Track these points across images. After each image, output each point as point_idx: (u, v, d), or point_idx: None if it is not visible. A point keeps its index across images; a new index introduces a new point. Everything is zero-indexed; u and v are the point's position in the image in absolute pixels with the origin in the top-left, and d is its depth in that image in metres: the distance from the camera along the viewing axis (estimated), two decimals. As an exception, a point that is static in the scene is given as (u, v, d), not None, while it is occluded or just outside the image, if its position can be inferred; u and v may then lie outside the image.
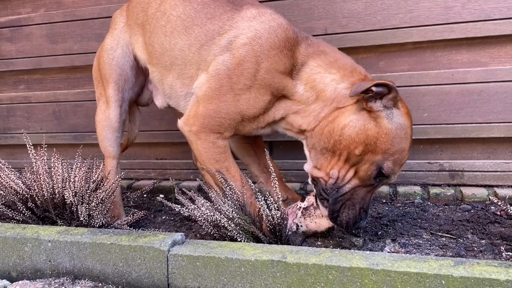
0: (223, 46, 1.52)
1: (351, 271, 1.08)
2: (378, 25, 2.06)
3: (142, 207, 2.09)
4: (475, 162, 2.04)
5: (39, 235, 1.41)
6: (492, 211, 1.77)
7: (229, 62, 1.49)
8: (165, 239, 1.30)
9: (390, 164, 1.37)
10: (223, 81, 1.49)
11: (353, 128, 1.37)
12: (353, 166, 1.40)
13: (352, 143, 1.37)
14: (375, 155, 1.36)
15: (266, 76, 1.47)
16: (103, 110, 1.85)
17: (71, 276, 1.36)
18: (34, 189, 1.62)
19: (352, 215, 1.41)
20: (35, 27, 2.62)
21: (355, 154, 1.37)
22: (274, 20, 1.51)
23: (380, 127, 1.36)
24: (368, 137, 1.36)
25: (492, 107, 1.97)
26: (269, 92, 1.49)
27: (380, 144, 1.35)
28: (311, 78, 1.48)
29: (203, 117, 1.51)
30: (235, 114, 1.50)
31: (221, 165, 1.54)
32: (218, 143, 1.53)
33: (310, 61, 1.49)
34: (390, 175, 1.39)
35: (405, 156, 1.41)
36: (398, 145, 1.36)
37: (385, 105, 1.36)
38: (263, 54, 1.46)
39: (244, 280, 1.18)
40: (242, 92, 1.48)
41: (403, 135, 1.37)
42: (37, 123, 2.72)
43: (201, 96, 1.53)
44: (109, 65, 1.82)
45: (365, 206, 1.43)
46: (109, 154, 1.87)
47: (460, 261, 1.06)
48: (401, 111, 1.39)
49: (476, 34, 1.94)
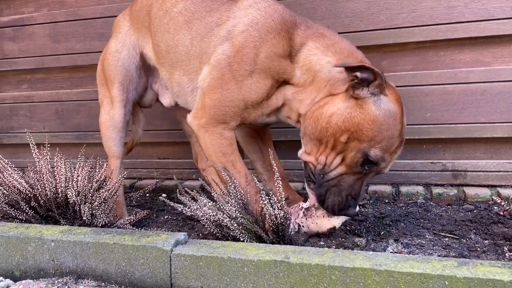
0: (222, 36, 1.54)
1: (354, 271, 1.08)
2: (381, 24, 2.06)
3: (144, 207, 2.10)
4: (478, 162, 2.04)
5: (42, 235, 1.41)
6: (495, 211, 1.77)
7: (229, 51, 1.51)
8: (168, 239, 1.30)
9: (377, 151, 1.36)
10: (224, 69, 1.50)
11: (339, 116, 1.38)
12: (340, 153, 1.41)
13: (338, 130, 1.38)
14: (361, 143, 1.36)
15: (266, 60, 1.48)
16: (107, 110, 1.86)
17: (74, 275, 1.36)
18: (37, 189, 1.62)
19: (337, 201, 1.43)
20: (38, 26, 2.62)
21: (341, 142, 1.38)
22: (270, 6, 1.53)
23: (366, 114, 1.35)
24: (354, 124, 1.36)
25: (495, 107, 1.97)
26: (270, 76, 1.50)
27: (366, 131, 1.35)
28: (308, 59, 1.48)
29: (209, 108, 1.53)
30: (239, 101, 1.51)
31: (228, 158, 1.54)
32: (224, 134, 1.54)
33: (309, 42, 1.50)
34: (379, 162, 1.39)
35: (395, 143, 1.39)
36: (385, 132, 1.35)
37: (372, 92, 1.36)
38: (260, 39, 1.48)
39: (247, 280, 1.18)
40: (243, 78, 1.49)
41: (391, 122, 1.36)
42: (40, 122, 2.72)
43: (205, 88, 1.55)
44: (114, 66, 1.84)
45: (353, 193, 1.43)
46: (113, 154, 1.88)
47: (464, 261, 1.06)
48: (389, 98, 1.38)
49: (479, 34, 1.94)
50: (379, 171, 1.45)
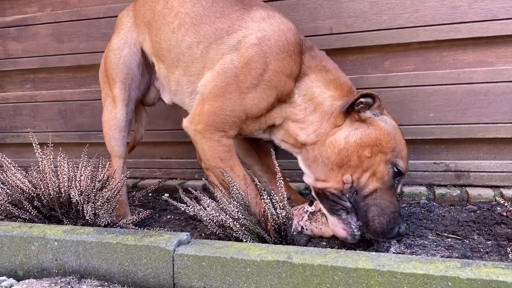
0: (232, 45, 1.53)
1: (357, 272, 1.08)
2: (384, 24, 2.05)
3: (147, 206, 2.10)
4: (481, 162, 2.03)
5: (45, 234, 1.42)
6: (498, 212, 1.77)
7: (237, 61, 1.50)
8: (171, 238, 1.31)
9: (402, 161, 1.42)
10: (229, 79, 1.50)
11: (355, 136, 1.43)
12: (367, 170, 1.41)
13: (360, 148, 1.41)
14: (385, 155, 1.40)
15: (273, 77, 1.49)
16: (109, 110, 1.86)
17: (77, 275, 1.37)
18: (40, 188, 1.63)
19: (385, 221, 1.36)
20: (42, 26, 2.63)
21: (366, 157, 1.40)
22: (284, 24, 1.53)
23: (379, 129, 1.43)
24: (372, 139, 1.41)
25: (499, 107, 1.96)
26: (274, 93, 1.51)
27: (385, 143, 1.41)
28: (311, 90, 1.53)
29: (208, 114, 1.52)
30: (240, 112, 1.51)
31: (226, 163, 1.55)
32: (222, 142, 1.54)
33: (312, 74, 1.54)
34: (405, 172, 1.44)
35: (407, 153, 1.48)
36: (400, 143, 1.44)
37: (374, 113, 1.46)
38: (271, 56, 1.48)
39: (250, 280, 1.18)
40: (248, 90, 1.49)
41: (399, 134, 1.46)
42: (43, 122, 2.73)
43: (206, 94, 1.54)
44: (116, 65, 1.83)
45: (397, 208, 1.40)
46: (115, 154, 1.87)
47: (467, 262, 1.06)
48: (389, 117, 1.49)
49: (482, 34, 1.93)
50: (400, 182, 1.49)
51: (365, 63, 2.11)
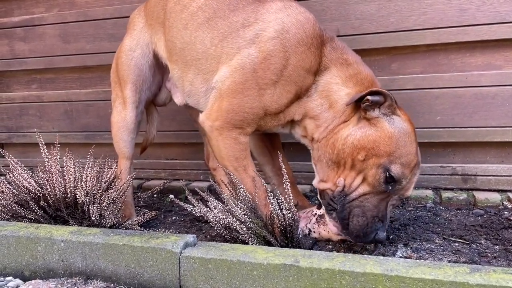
0: (249, 39, 1.49)
1: (365, 276, 1.08)
2: (391, 27, 2.05)
3: (152, 207, 2.10)
4: (489, 166, 2.02)
5: (52, 235, 1.42)
6: (506, 216, 1.75)
7: (255, 56, 1.46)
8: (177, 241, 1.30)
9: (398, 167, 1.35)
10: (248, 75, 1.46)
11: (354, 136, 1.39)
12: (359, 173, 1.38)
13: (355, 149, 1.38)
14: (379, 158, 1.35)
15: (293, 72, 1.45)
16: (119, 111, 1.85)
17: (84, 276, 1.37)
18: (47, 188, 1.63)
19: (362, 222, 1.36)
20: (48, 27, 2.64)
21: (359, 160, 1.37)
22: (301, 14, 1.49)
23: (381, 131, 1.37)
24: (369, 142, 1.37)
25: (507, 110, 1.95)
26: (294, 89, 1.47)
27: (383, 147, 1.35)
28: (329, 86, 1.48)
29: (227, 111, 1.49)
30: (259, 109, 1.48)
31: (240, 163, 1.52)
32: (240, 139, 1.52)
33: (332, 68, 1.49)
34: (401, 179, 1.36)
35: (414, 160, 1.38)
36: (403, 148, 1.36)
37: (383, 113, 1.39)
38: (291, 50, 1.44)
39: (256, 283, 1.18)
40: (267, 87, 1.46)
41: (407, 139, 1.38)
42: (49, 122, 2.74)
43: (224, 90, 1.51)
44: (128, 66, 1.82)
45: (379, 215, 1.38)
46: (123, 155, 1.87)
47: (476, 268, 1.05)
48: (401, 118, 1.40)
49: (490, 37, 1.92)
50: (402, 194, 1.42)
51: (372, 65, 2.10)
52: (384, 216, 1.40)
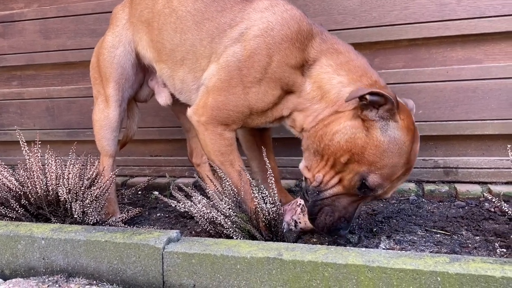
0: (234, 38, 1.49)
1: (347, 268, 1.08)
2: (374, 22, 2.06)
3: (136, 204, 2.08)
4: (470, 159, 2.05)
5: (32, 233, 1.40)
6: (486, 207, 1.78)
7: (240, 54, 1.46)
8: (160, 236, 1.30)
9: (376, 177, 1.30)
10: (233, 73, 1.46)
11: (343, 135, 1.33)
12: (338, 173, 1.36)
13: (339, 150, 1.33)
14: (360, 166, 1.31)
15: (277, 69, 1.44)
16: (101, 109, 1.82)
17: (65, 273, 1.35)
18: (28, 186, 1.60)
19: (329, 221, 1.37)
20: (28, 22, 2.59)
21: (340, 162, 1.33)
22: (287, 11, 1.48)
23: (370, 138, 1.30)
24: (356, 146, 1.31)
25: (487, 104, 1.98)
26: (279, 86, 1.46)
27: (367, 155, 1.29)
28: (320, 77, 1.44)
29: (211, 108, 1.50)
30: (244, 107, 1.48)
31: (226, 158, 1.53)
32: (225, 135, 1.52)
33: (322, 59, 1.45)
34: (376, 189, 1.33)
35: (398, 172, 1.32)
36: (388, 159, 1.29)
37: (381, 116, 1.30)
38: (275, 47, 1.43)
39: (240, 277, 1.18)
40: (252, 85, 1.45)
41: (396, 150, 1.29)
42: (30, 119, 2.70)
43: (210, 87, 1.51)
44: (110, 64, 1.79)
45: (347, 215, 1.38)
46: (106, 153, 1.85)
47: (456, 258, 1.07)
48: (399, 125, 1.30)
49: (471, 31, 1.95)
50: (379, 196, 1.39)
51: (355, 60, 2.12)
52: (351, 217, 1.39)
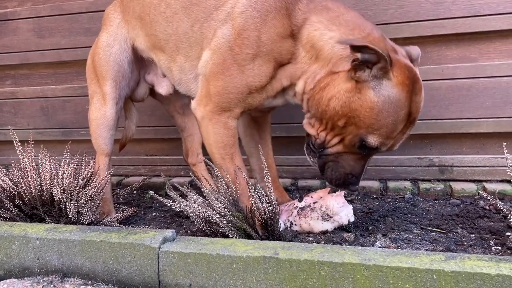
0: (222, 19, 1.50)
1: (343, 266, 1.08)
2: (369, 20, 2.05)
3: (132, 204, 2.07)
4: (464, 157, 2.06)
5: (27, 233, 1.39)
6: (481, 205, 1.79)
7: (229, 34, 1.46)
8: (155, 236, 1.29)
9: (375, 137, 1.33)
10: (225, 54, 1.45)
11: (338, 101, 1.33)
12: (338, 135, 1.40)
13: (336, 115, 1.35)
14: (358, 128, 1.33)
15: (268, 42, 1.42)
16: (98, 107, 1.81)
17: (60, 274, 1.34)
18: (22, 186, 1.59)
19: (335, 176, 1.44)
20: (22, 21, 2.57)
21: (338, 125, 1.37)
22: None
23: (364, 100, 1.29)
24: (351, 110, 1.32)
25: (481, 102, 1.99)
26: (273, 58, 1.44)
27: (363, 118, 1.31)
28: (311, 35, 1.41)
29: (214, 95, 1.49)
30: (242, 86, 1.46)
31: (227, 151, 1.52)
32: (228, 124, 1.51)
33: (312, 17, 1.42)
34: (379, 147, 1.36)
35: (398, 127, 1.33)
36: (385, 119, 1.30)
37: (374, 75, 1.28)
38: (260, 20, 1.42)
39: (236, 276, 1.17)
40: (246, 62, 1.44)
41: (391, 109, 1.29)
42: (24, 119, 2.68)
43: (208, 74, 1.51)
44: (106, 62, 1.79)
45: (353, 172, 1.43)
46: (102, 152, 1.84)
47: (451, 255, 1.07)
48: (393, 82, 1.28)
49: (465, 30, 1.95)
50: (388, 150, 1.40)
51: (350, 58, 2.12)
52: (359, 173, 1.44)
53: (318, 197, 1.55)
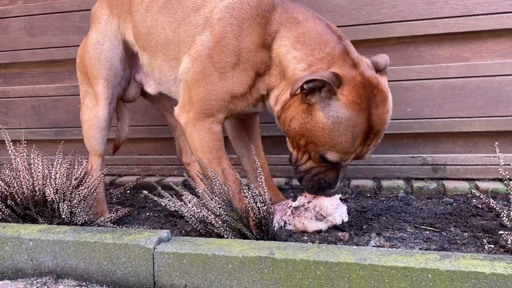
0: (200, 24, 1.50)
1: (339, 266, 1.09)
2: (362, 19, 2.06)
3: (125, 204, 2.06)
4: (457, 156, 2.07)
5: (20, 234, 1.37)
6: (474, 204, 1.80)
7: (208, 41, 1.46)
8: (150, 236, 1.28)
9: (334, 154, 1.37)
10: (205, 62, 1.46)
11: (296, 122, 1.39)
12: (305, 153, 1.45)
13: (297, 135, 1.41)
14: (317, 146, 1.38)
15: (244, 50, 1.43)
16: (90, 107, 1.80)
17: (54, 275, 1.33)
18: (14, 187, 1.58)
19: (311, 186, 1.49)
20: (13, 19, 2.54)
21: (301, 144, 1.42)
22: None
23: (315, 122, 1.34)
24: (307, 130, 1.37)
25: (474, 101, 2.00)
26: (250, 67, 1.45)
27: (318, 137, 1.35)
28: (279, 50, 1.42)
29: (196, 102, 1.50)
30: (224, 93, 1.47)
31: (214, 154, 1.53)
32: (212, 129, 1.52)
33: (282, 30, 1.42)
34: (339, 162, 1.39)
35: (356, 142, 1.34)
36: (337, 138, 1.33)
37: (322, 97, 1.32)
38: (237, 27, 1.42)
39: (232, 277, 1.17)
40: (225, 70, 1.45)
41: (342, 128, 1.31)
42: (15, 118, 2.65)
43: (189, 81, 1.51)
44: (97, 60, 1.77)
45: (326, 178, 1.47)
46: (95, 152, 1.83)
47: (446, 254, 1.08)
48: (341, 102, 1.30)
49: (458, 29, 1.97)
50: (357, 159, 1.43)
51: (344, 58, 2.12)
52: (334, 180, 1.48)
53: (312, 196, 1.55)
